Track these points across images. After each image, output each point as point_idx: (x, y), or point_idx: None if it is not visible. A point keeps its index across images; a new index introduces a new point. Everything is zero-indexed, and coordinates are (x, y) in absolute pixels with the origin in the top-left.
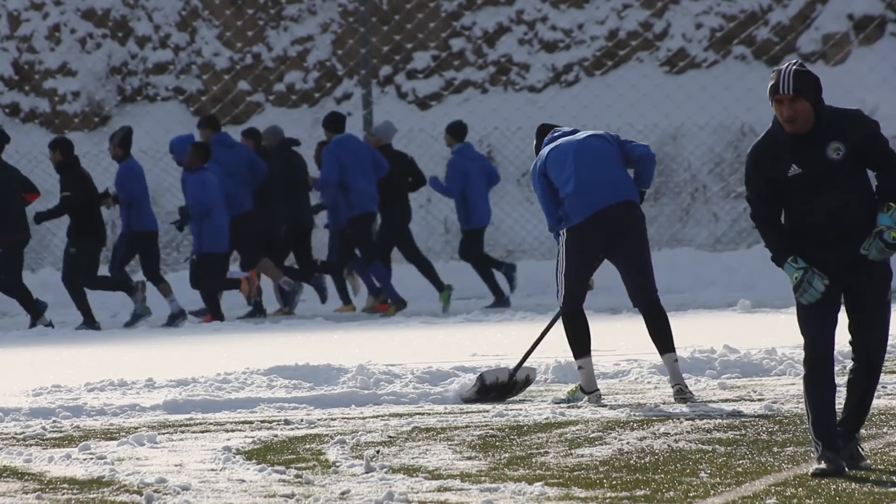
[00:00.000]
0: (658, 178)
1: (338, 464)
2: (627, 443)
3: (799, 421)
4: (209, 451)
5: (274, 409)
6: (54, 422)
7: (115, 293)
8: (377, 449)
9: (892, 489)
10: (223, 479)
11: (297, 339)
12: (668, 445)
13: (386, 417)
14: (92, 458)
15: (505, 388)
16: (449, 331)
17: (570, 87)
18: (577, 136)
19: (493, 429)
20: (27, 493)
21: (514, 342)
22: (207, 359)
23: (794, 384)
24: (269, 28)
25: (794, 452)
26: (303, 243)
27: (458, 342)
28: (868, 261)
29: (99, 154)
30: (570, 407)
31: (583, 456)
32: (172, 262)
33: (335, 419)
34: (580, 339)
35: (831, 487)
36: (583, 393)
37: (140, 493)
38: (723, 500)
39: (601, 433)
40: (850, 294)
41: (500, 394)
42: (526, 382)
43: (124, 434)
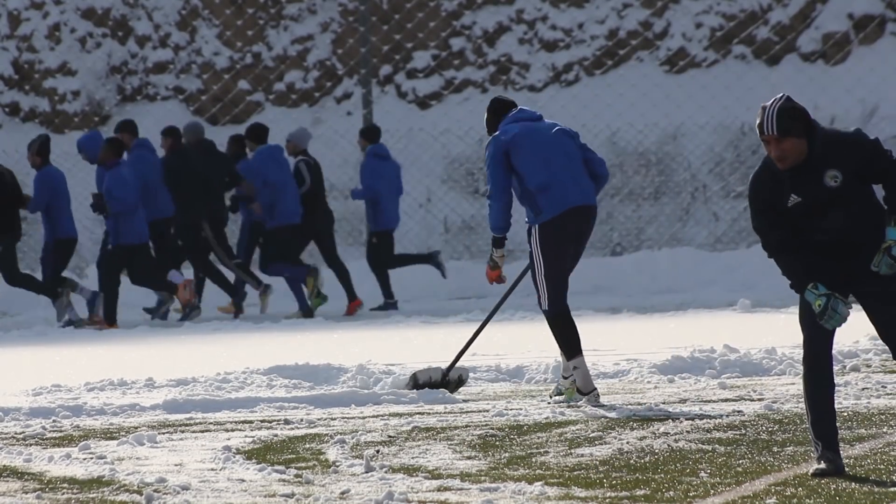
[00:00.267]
0: (658, 177)
1: (338, 463)
2: (627, 443)
3: (799, 421)
4: (209, 451)
5: (274, 409)
6: (54, 421)
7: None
8: (377, 449)
9: (892, 489)
10: (223, 479)
11: (297, 339)
12: (668, 445)
13: (386, 417)
14: (92, 458)
15: (437, 387)
16: (449, 331)
17: (570, 86)
18: (547, 126)
19: (493, 428)
20: (27, 492)
21: (514, 342)
22: (207, 359)
23: (794, 384)
24: (269, 27)
25: (794, 452)
26: (218, 238)
27: (458, 342)
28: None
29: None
30: (570, 406)
31: (583, 456)
32: None
33: (335, 419)
34: (571, 340)
35: (831, 487)
36: (580, 394)
37: (140, 493)
38: (723, 500)
39: (601, 433)
40: (865, 300)
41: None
42: (458, 382)
43: (124, 434)
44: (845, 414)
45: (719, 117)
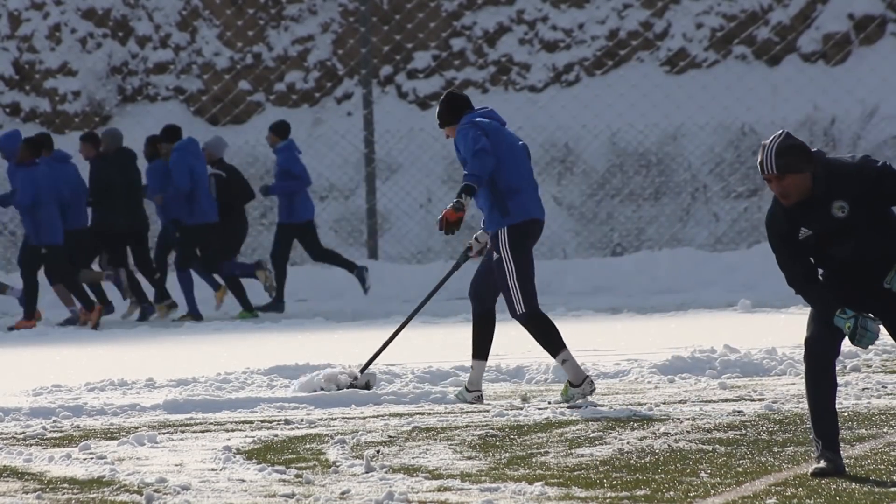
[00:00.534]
0: (658, 178)
1: (338, 463)
2: (627, 443)
3: (799, 421)
4: (209, 451)
5: (274, 409)
6: (54, 422)
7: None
8: (377, 449)
9: (892, 489)
10: (223, 479)
11: (297, 339)
12: (668, 445)
13: (386, 417)
14: (92, 458)
15: (346, 387)
16: (449, 331)
17: (571, 87)
18: (514, 135)
19: (493, 429)
20: (27, 493)
21: (514, 342)
22: (208, 359)
23: (794, 384)
24: (269, 28)
25: (794, 452)
26: (140, 245)
27: (458, 342)
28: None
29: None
30: (570, 406)
31: (583, 456)
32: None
33: (335, 419)
34: (552, 336)
35: (831, 487)
36: (573, 388)
37: (140, 493)
38: (723, 500)
39: (601, 433)
40: (883, 313)
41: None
42: (366, 388)
43: (124, 434)
44: (845, 414)
45: (719, 118)
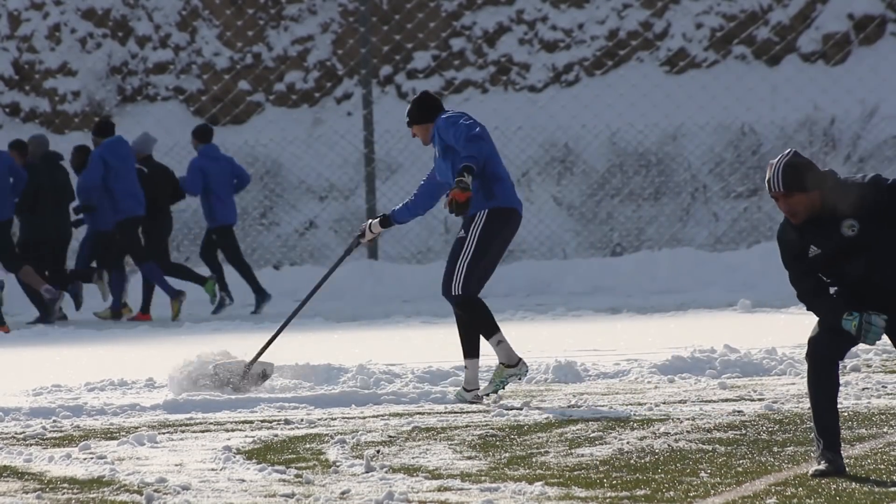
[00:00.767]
0: (658, 177)
1: (338, 463)
2: (627, 443)
3: (799, 421)
4: (209, 451)
5: (274, 409)
6: (54, 421)
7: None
8: (377, 449)
9: (892, 489)
10: (223, 479)
11: (297, 339)
12: (668, 445)
13: (386, 417)
14: (92, 458)
15: (240, 380)
16: (449, 330)
17: (571, 87)
18: None
19: (493, 428)
20: (27, 492)
21: (514, 342)
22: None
23: (794, 384)
24: (269, 28)
25: (794, 452)
26: (59, 254)
27: (458, 342)
28: None
29: None
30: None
31: (583, 456)
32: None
33: (335, 419)
34: (486, 319)
35: (831, 487)
36: (506, 368)
37: (140, 493)
38: (723, 500)
39: (601, 433)
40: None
41: (235, 387)
42: (263, 377)
43: (124, 434)
44: (846, 414)
45: (719, 117)
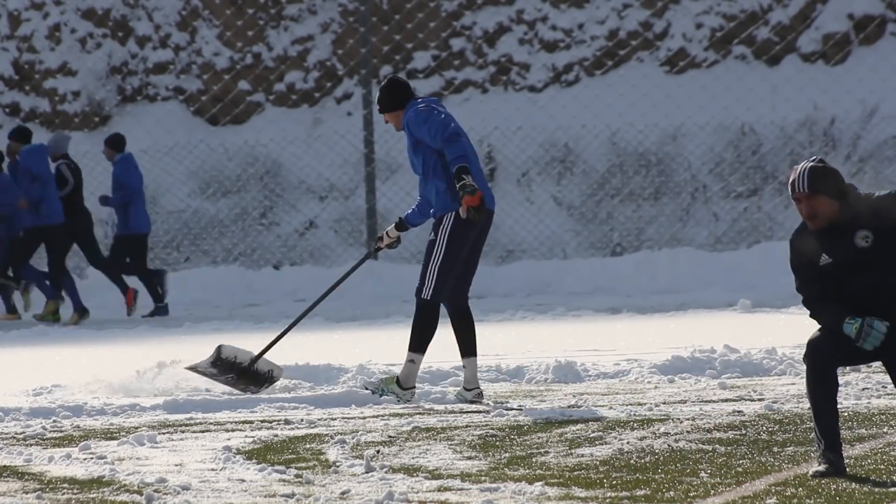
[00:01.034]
0: (658, 177)
1: (338, 463)
2: (627, 443)
3: (799, 421)
4: (209, 451)
5: (274, 409)
6: (54, 422)
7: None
8: (377, 449)
9: (892, 489)
10: (223, 479)
11: (298, 339)
12: (668, 445)
13: (386, 417)
14: (92, 458)
15: (242, 370)
16: (449, 330)
17: (570, 87)
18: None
19: (493, 429)
20: (27, 492)
21: (514, 342)
22: None
23: (794, 384)
24: (269, 28)
25: (794, 452)
26: None
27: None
28: None
29: (99, 154)
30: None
31: (583, 456)
32: (173, 261)
33: (335, 419)
34: (425, 336)
35: (831, 487)
36: (398, 387)
37: (140, 493)
38: (723, 500)
39: (601, 433)
40: (891, 361)
41: (237, 376)
42: (269, 378)
43: (124, 434)
44: (846, 414)
45: (719, 117)
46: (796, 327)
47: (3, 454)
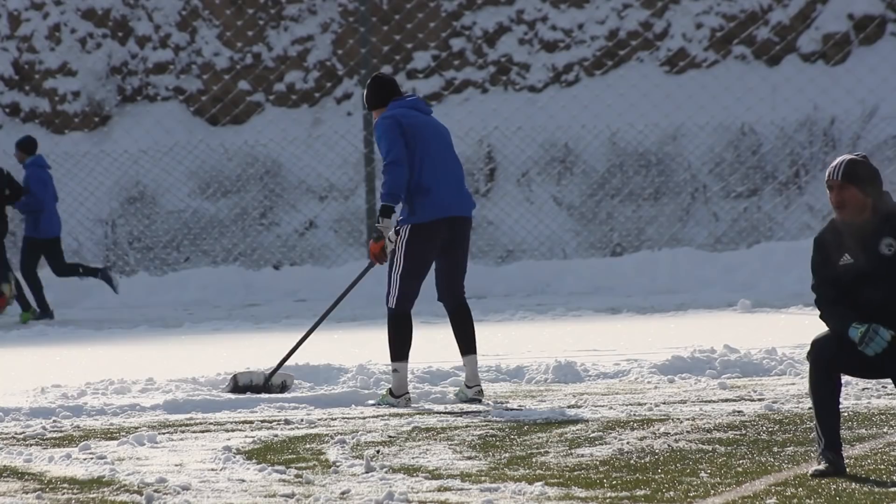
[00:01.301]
0: (658, 178)
1: (338, 464)
2: (627, 443)
3: (799, 421)
4: (209, 451)
5: (274, 409)
6: (54, 422)
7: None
8: (377, 449)
9: (892, 489)
10: (223, 479)
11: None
12: (668, 445)
13: (386, 417)
14: (92, 458)
15: (259, 391)
16: (449, 330)
17: (570, 87)
18: (439, 124)
19: (493, 429)
20: (27, 492)
21: (514, 342)
22: (207, 359)
23: (794, 384)
24: (269, 28)
25: (794, 452)
26: None
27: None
28: None
29: (99, 154)
30: (569, 407)
31: (583, 456)
32: (173, 261)
33: (335, 419)
34: (403, 343)
35: (831, 487)
36: (392, 397)
37: (140, 493)
38: (723, 500)
39: (601, 433)
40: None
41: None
42: (282, 388)
43: (124, 434)
44: (846, 414)
45: (719, 117)
46: (796, 327)
47: (3, 454)
